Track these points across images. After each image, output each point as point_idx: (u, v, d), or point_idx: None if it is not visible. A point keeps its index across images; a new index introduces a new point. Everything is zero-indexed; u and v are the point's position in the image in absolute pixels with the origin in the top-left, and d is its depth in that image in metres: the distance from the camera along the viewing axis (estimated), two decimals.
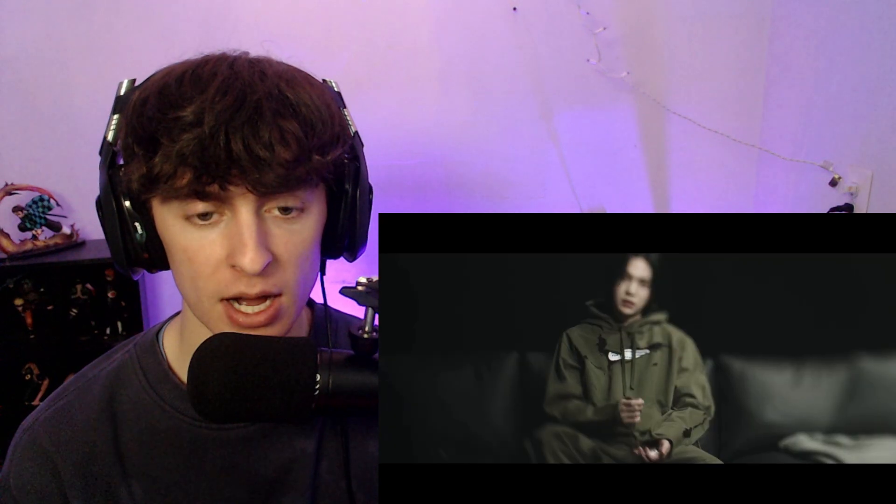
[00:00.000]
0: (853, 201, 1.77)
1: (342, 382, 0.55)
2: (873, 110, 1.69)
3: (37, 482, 0.69)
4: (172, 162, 0.55)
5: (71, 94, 2.00)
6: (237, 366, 0.53)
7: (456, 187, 2.23)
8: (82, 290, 2.08)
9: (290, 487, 0.71)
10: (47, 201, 2.01)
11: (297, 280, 0.64)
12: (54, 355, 2.06)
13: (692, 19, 2.14)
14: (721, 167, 2.26)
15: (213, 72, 0.58)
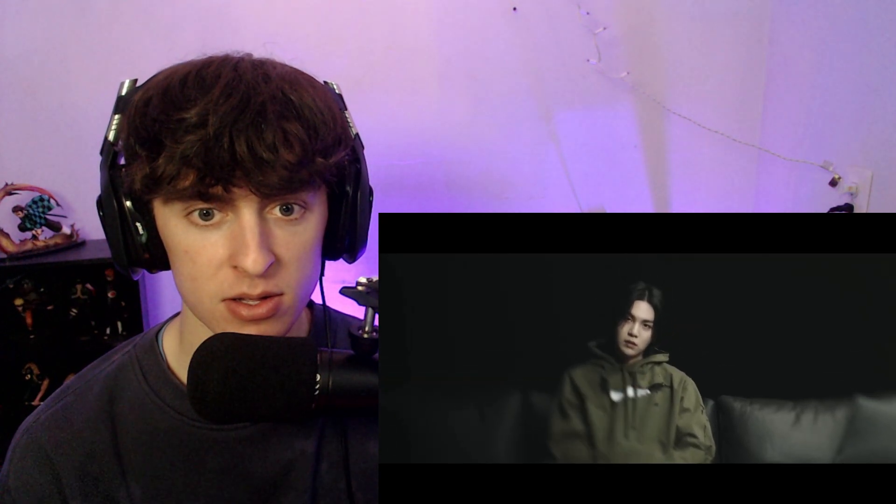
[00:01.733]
0: (853, 201, 1.77)
1: (342, 382, 0.55)
2: (873, 110, 1.69)
3: (36, 483, 0.69)
4: (176, 163, 0.55)
5: (71, 94, 2.00)
6: (237, 366, 0.53)
7: (456, 187, 2.23)
8: (82, 290, 2.07)
9: (291, 488, 0.71)
10: (47, 201, 2.01)
11: (299, 280, 0.64)
12: (54, 355, 2.06)
13: (692, 19, 2.14)
14: (721, 167, 2.26)
15: (216, 73, 0.58)
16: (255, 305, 0.61)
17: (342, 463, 0.73)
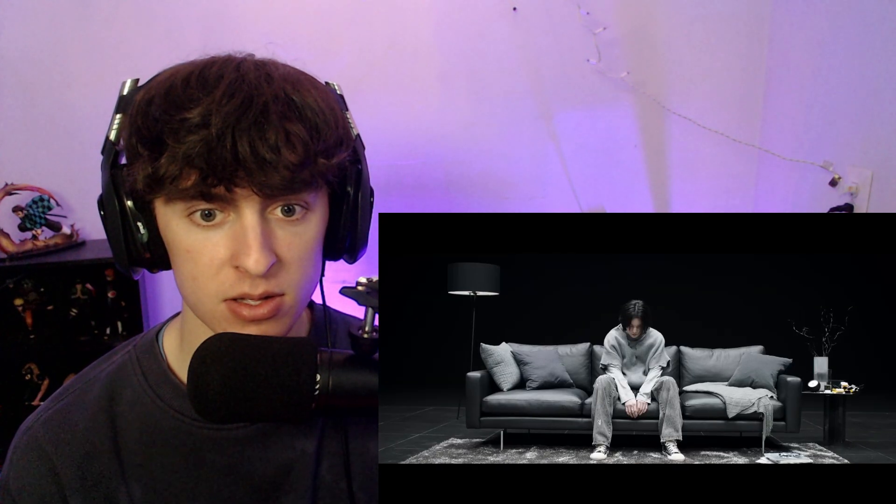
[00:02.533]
0: (853, 201, 1.77)
1: (342, 382, 0.55)
2: (873, 110, 1.69)
3: (36, 483, 0.69)
4: (178, 163, 0.55)
5: (71, 94, 2.00)
6: (237, 366, 0.53)
7: (456, 187, 2.23)
8: (82, 290, 2.08)
9: (291, 488, 0.71)
10: (47, 201, 2.01)
11: (300, 281, 0.64)
12: (54, 355, 2.07)
13: (692, 19, 2.14)
14: (721, 167, 2.26)
15: (219, 74, 0.58)
16: (257, 306, 0.61)
17: (343, 463, 0.72)
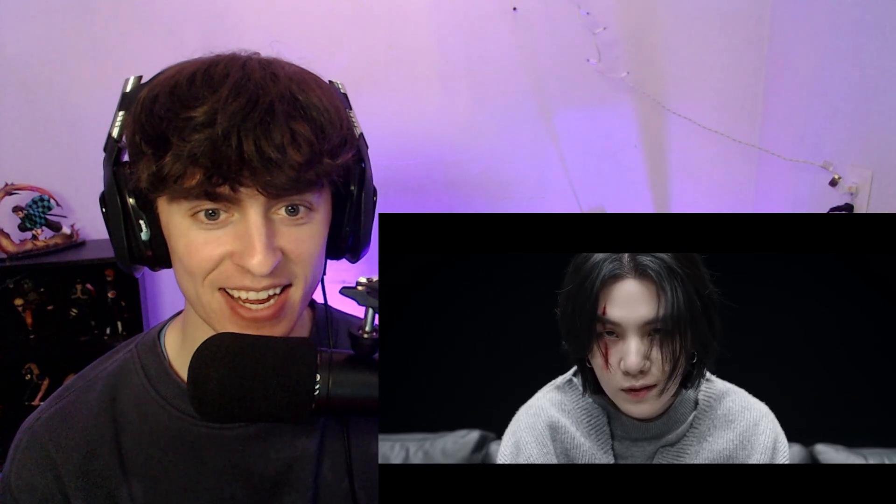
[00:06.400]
0: (853, 201, 1.77)
1: (342, 382, 0.55)
2: (873, 110, 1.69)
3: (38, 482, 0.69)
4: (183, 162, 0.55)
5: (71, 94, 2.00)
6: (237, 366, 0.53)
7: (456, 187, 2.23)
8: (82, 290, 2.07)
9: (292, 487, 0.71)
10: (47, 201, 2.01)
11: (303, 280, 0.64)
12: (54, 355, 2.06)
13: (692, 19, 2.14)
14: (721, 167, 2.26)
15: (224, 72, 0.58)
16: (261, 310, 0.62)
17: (344, 462, 0.72)
